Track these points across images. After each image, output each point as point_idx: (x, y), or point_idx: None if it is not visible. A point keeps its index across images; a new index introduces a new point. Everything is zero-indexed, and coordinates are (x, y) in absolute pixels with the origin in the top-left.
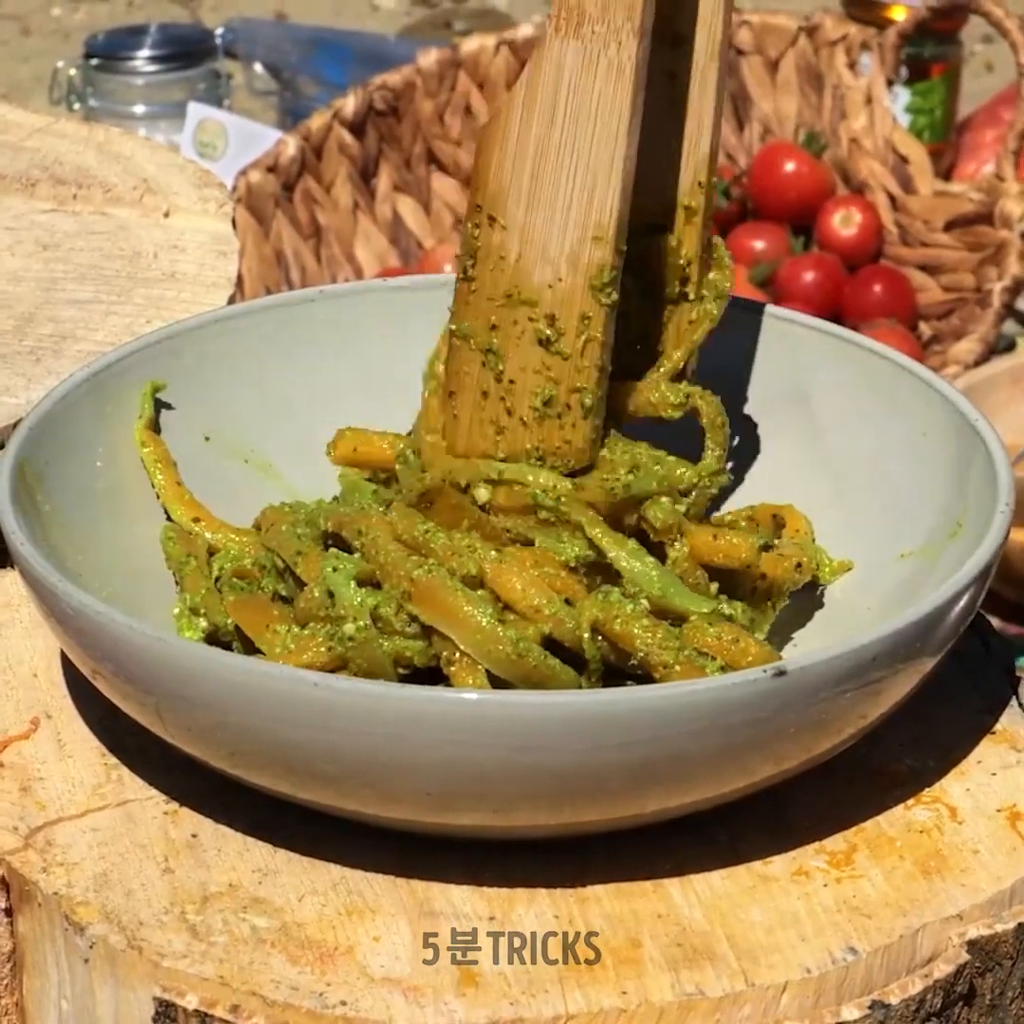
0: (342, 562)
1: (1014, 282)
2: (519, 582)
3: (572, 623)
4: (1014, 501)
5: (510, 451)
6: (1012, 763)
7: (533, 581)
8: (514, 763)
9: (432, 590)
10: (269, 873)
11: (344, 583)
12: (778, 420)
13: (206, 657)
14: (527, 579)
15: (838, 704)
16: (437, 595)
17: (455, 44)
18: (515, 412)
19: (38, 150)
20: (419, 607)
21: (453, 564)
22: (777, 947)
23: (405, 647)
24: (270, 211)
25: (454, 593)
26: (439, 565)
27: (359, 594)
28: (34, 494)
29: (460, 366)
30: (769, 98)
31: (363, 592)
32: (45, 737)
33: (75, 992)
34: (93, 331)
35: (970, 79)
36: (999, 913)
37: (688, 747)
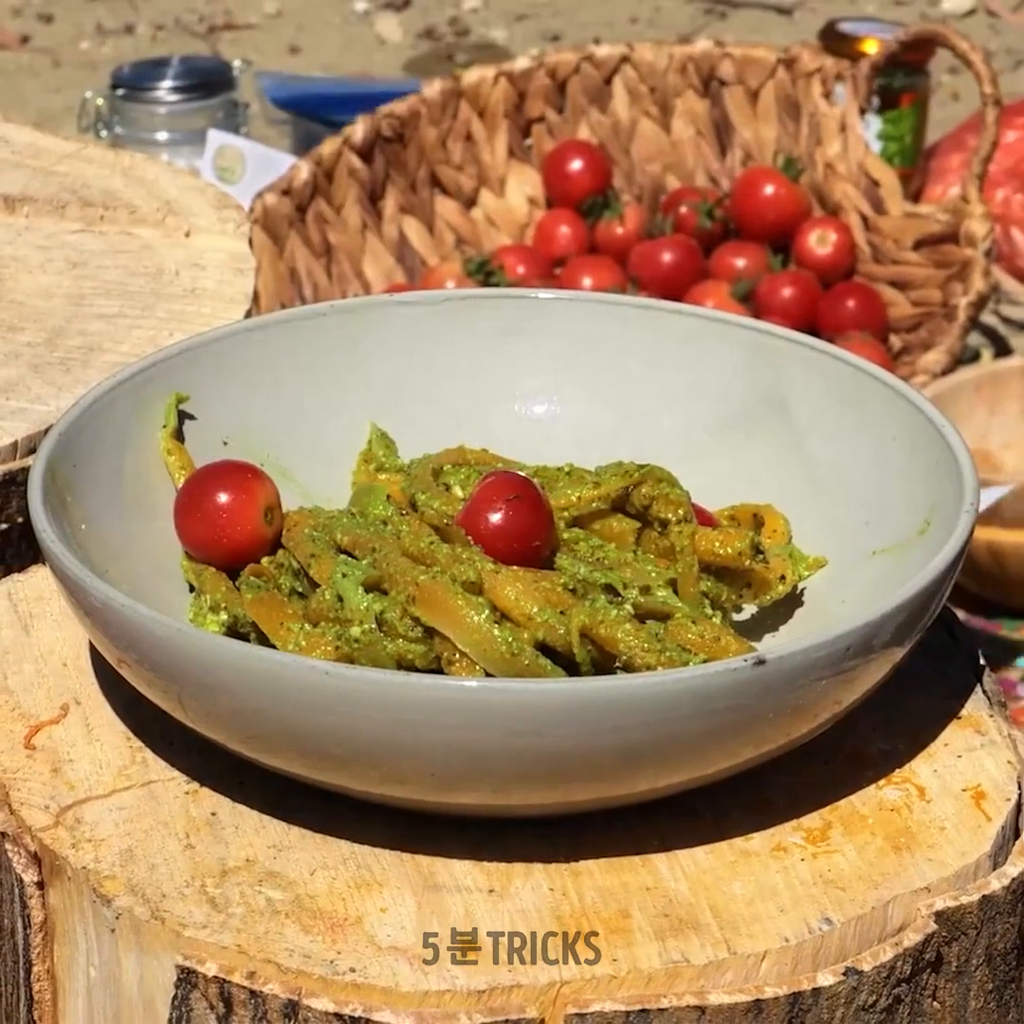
0: (351, 568)
1: (978, 297)
2: (512, 592)
3: (563, 629)
4: (978, 501)
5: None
6: (976, 746)
7: (526, 591)
8: (511, 746)
9: (434, 593)
10: (283, 849)
11: (352, 588)
12: (758, 425)
13: (225, 647)
14: (520, 589)
15: (814, 691)
16: (438, 598)
17: (457, 75)
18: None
19: (68, 174)
20: (421, 609)
21: (455, 572)
22: (757, 918)
23: (408, 650)
24: (285, 231)
25: (454, 597)
26: (442, 572)
27: (366, 599)
28: (64, 495)
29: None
30: (750, 125)
31: (370, 598)
32: (74, 722)
33: (102, 960)
34: (119, 343)
35: (937, 108)
36: (964, 886)
37: (674, 731)
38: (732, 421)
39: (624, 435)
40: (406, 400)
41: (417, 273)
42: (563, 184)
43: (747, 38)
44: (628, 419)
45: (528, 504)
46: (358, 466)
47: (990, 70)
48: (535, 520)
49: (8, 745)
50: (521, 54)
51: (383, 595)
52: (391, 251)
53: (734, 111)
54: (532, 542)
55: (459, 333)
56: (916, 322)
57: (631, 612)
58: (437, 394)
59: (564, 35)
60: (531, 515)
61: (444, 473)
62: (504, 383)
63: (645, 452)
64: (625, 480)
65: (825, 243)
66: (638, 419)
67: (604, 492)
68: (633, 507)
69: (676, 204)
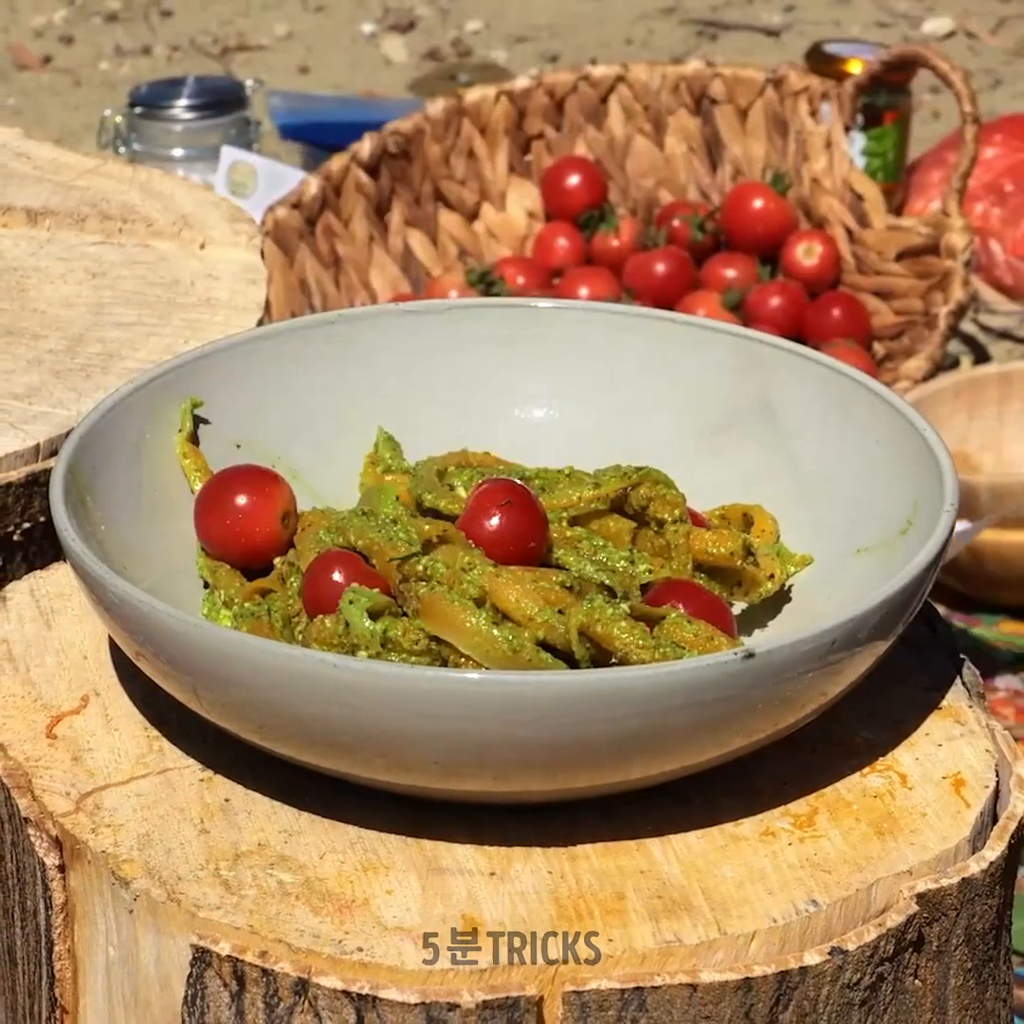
0: (358, 596)
1: (958, 306)
2: (513, 594)
3: (562, 627)
4: (958, 502)
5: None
6: (956, 735)
7: (527, 593)
8: (511, 735)
9: (434, 604)
10: (294, 833)
11: (358, 615)
12: (748, 429)
13: (238, 641)
14: (521, 591)
15: (801, 683)
16: (438, 608)
17: (459, 94)
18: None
19: (88, 189)
20: (425, 620)
21: (461, 587)
22: (747, 899)
23: (414, 663)
24: (295, 243)
25: (452, 605)
26: (440, 585)
27: (372, 625)
28: (84, 496)
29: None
30: (740, 142)
31: (374, 624)
32: (94, 712)
33: (120, 939)
34: (137, 350)
35: (919, 125)
36: (944, 869)
37: (667, 721)
38: (723, 425)
39: (620, 438)
40: (411, 404)
41: (421, 283)
42: (561, 198)
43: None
44: (624, 423)
45: (521, 508)
46: (365, 468)
47: (969, 89)
48: (529, 522)
49: (31, 734)
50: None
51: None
52: (397, 262)
53: (724, 128)
54: (528, 543)
55: (462, 341)
56: (898, 330)
57: (626, 611)
58: (441, 399)
59: (562, 56)
60: (525, 518)
61: (448, 474)
62: (505, 388)
63: (640, 454)
64: (623, 482)
65: (811, 255)
66: (634, 423)
67: (603, 493)
68: (631, 507)
69: (669, 217)
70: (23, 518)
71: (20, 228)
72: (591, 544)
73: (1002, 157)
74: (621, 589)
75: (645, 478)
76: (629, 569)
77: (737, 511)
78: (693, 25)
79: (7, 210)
